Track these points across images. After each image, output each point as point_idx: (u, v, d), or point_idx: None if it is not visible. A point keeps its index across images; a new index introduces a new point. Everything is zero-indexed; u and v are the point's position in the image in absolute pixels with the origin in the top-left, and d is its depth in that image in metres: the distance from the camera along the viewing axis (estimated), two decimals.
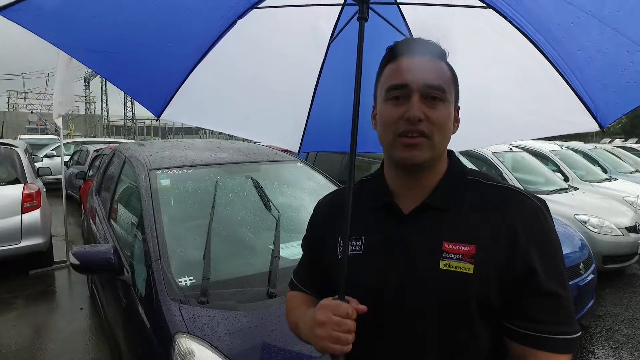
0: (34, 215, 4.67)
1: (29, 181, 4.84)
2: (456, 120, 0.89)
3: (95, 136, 34.70)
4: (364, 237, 0.90)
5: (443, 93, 0.82)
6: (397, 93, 0.82)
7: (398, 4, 1.24)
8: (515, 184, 4.92)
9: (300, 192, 2.84)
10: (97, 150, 8.47)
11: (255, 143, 3.67)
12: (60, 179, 6.16)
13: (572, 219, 4.77)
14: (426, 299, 0.80)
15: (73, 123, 33.59)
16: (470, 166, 3.06)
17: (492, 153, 5.58)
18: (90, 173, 7.43)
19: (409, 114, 0.80)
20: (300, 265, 1.09)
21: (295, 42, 1.35)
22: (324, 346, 0.81)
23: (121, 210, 2.86)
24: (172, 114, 1.40)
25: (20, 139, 11.32)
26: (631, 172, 8.77)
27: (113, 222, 2.94)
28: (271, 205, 2.31)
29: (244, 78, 1.42)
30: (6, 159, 4.96)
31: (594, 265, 3.77)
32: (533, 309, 0.78)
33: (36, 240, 4.67)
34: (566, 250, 3.50)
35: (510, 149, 6.15)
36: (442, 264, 0.80)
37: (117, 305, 2.27)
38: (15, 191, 4.65)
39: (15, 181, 4.81)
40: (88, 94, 53.56)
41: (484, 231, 0.80)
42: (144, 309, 1.82)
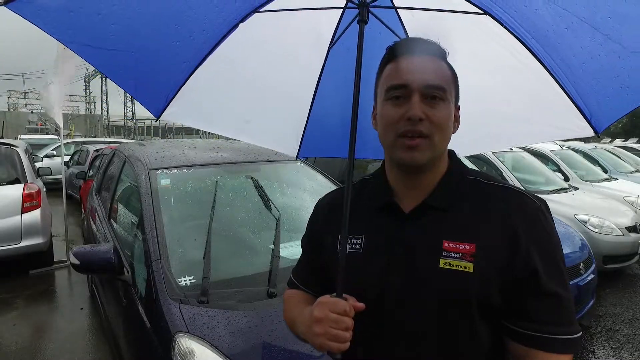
0: (34, 215, 4.67)
1: (29, 181, 4.84)
2: (457, 120, 0.89)
3: (95, 136, 34.72)
4: (364, 236, 0.90)
5: (443, 92, 0.82)
6: (398, 93, 0.82)
7: (396, 8, 1.25)
8: (516, 184, 4.93)
9: (301, 192, 2.84)
10: (97, 150, 8.48)
11: None
12: (61, 178, 6.17)
13: (573, 218, 4.77)
14: (426, 297, 0.80)
15: (73, 123, 33.59)
16: (471, 166, 3.05)
17: (493, 153, 5.58)
18: (91, 173, 7.43)
19: (410, 113, 0.79)
20: (300, 264, 1.09)
21: (295, 47, 1.36)
22: (321, 343, 0.81)
23: (121, 210, 2.86)
24: (172, 115, 1.40)
25: (20, 139, 11.33)
26: (631, 172, 8.76)
27: (113, 222, 2.94)
28: (271, 205, 2.31)
29: (244, 81, 1.42)
30: (6, 158, 4.96)
31: (594, 265, 3.76)
32: (533, 309, 0.78)
33: (36, 240, 4.67)
34: (566, 250, 3.50)
35: (511, 149, 6.14)
36: (442, 262, 0.80)
37: (117, 305, 2.27)
38: (15, 191, 4.65)
39: (16, 181, 4.81)
40: (88, 94, 53.61)
41: (484, 231, 0.80)
42: (144, 308, 1.82)
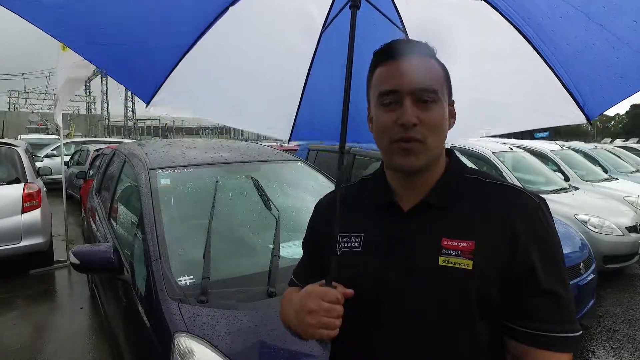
0: (35, 214, 4.67)
1: (29, 181, 4.84)
2: (452, 115, 0.88)
3: (96, 136, 34.72)
4: (363, 234, 0.90)
5: (435, 94, 0.81)
6: (389, 99, 0.82)
7: None
8: (516, 184, 4.91)
9: (300, 192, 2.84)
10: (98, 150, 8.48)
11: (255, 142, 3.67)
12: (61, 178, 6.17)
13: (573, 218, 4.76)
14: (425, 295, 0.80)
15: (74, 123, 33.61)
16: (471, 166, 3.05)
17: (493, 153, 5.58)
18: (91, 173, 7.44)
19: (403, 120, 0.79)
20: (301, 265, 1.10)
21: (287, 31, 1.34)
22: (313, 333, 0.81)
23: (121, 209, 2.86)
24: (162, 102, 1.38)
25: (21, 139, 11.33)
26: (632, 172, 8.76)
27: (113, 222, 2.94)
28: (271, 204, 2.31)
29: (235, 66, 1.40)
30: (7, 158, 4.96)
31: (594, 265, 3.76)
32: (533, 308, 0.78)
33: (36, 240, 4.67)
34: (567, 250, 3.50)
35: (511, 148, 6.15)
36: (441, 260, 0.80)
37: (117, 304, 2.28)
38: (15, 191, 4.65)
39: (16, 181, 4.81)
40: (89, 93, 53.63)
41: (483, 229, 0.80)
42: (143, 308, 1.82)
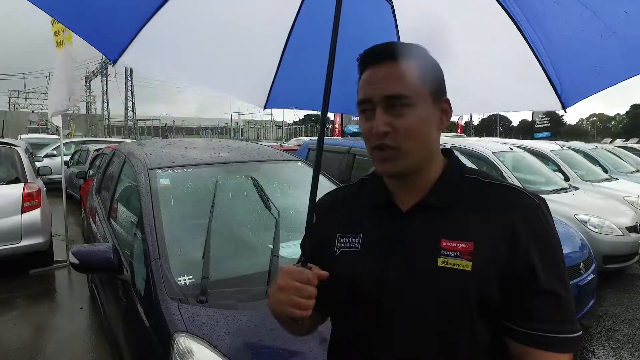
0: (34, 214, 4.67)
1: (29, 180, 4.84)
2: (445, 113, 0.87)
3: (96, 136, 34.74)
4: (361, 235, 0.90)
5: (407, 99, 0.80)
6: (365, 107, 0.84)
7: None
8: (516, 184, 4.91)
9: (300, 192, 2.83)
10: (98, 150, 8.48)
11: (255, 142, 3.67)
12: (61, 178, 6.17)
13: (573, 218, 4.76)
14: (425, 296, 0.80)
15: (74, 123, 33.62)
16: (470, 165, 3.05)
17: (493, 153, 5.58)
18: (91, 172, 7.44)
19: (374, 129, 0.81)
20: (299, 263, 1.09)
21: None
22: (283, 310, 0.83)
23: (121, 209, 2.86)
24: (130, 61, 1.31)
25: (21, 139, 11.34)
26: (632, 172, 8.76)
27: (113, 222, 2.94)
28: (271, 204, 2.31)
29: (210, 26, 1.34)
30: (7, 158, 4.97)
31: (594, 265, 3.76)
32: (533, 308, 0.78)
33: (36, 240, 4.67)
34: (567, 250, 3.50)
35: (511, 148, 6.15)
36: (440, 261, 0.79)
37: (117, 304, 2.28)
38: (15, 190, 4.65)
39: (16, 180, 4.81)
40: (89, 93, 53.67)
41: (483, 229, 0.80)
42: (143, 308, 1.82)
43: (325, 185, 2.82)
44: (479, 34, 1.21)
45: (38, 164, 7.28)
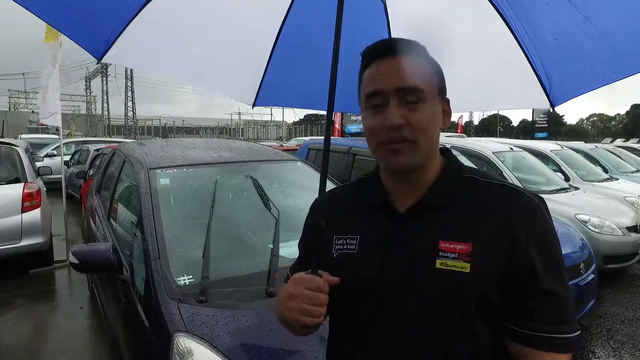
0: (34, 214, 4.67)
1: (29, 180, 4.84)
2: (446, 114, 0.87)
3: (96, 136, 34.75)
4: (358, 236, 0.89)
5: (421, 93, 0.80)
6: (375, 101, 0.81)
7: None
8: (516, 184, 4.91)
9: (300, 192, 2.83)
10: (98, 150, 8.48)
11: (255, 142, 3.67)
12: (61, 178, 6.17)
13: (573, 218, 4.76)
14: (424, 298, 0.80)
15: (74, 123, 33.62)
16: (470, 165, 3.05)
17: (493, 153, 5.58)
18: (91, 172, 7.44)
19: (387, 122, 0.78)
20: (297, 263, 1.09)
21: None
22: (295, 318, 0.81)
23: (121, 209, 2.86)
24: (116, 57, 1.29)
25: (21, 139, 11.33)
26: (632, 172, 8.75)
27: (113, 221, 2.94)
28: (270, 204, 2.31)
29: (199, 22, 1.33)
30: (7, 158, 4.97)
31: (594, 265, 3.76)
32: (533, 309, 0.77)
33: (36, 240, 4.67)
34: (567, 250, 3.49)
35: (511, 148, 6.14)
36: (438, 263, 0.79)
37: (117, 304, 2.27)
38: (15, 190, 4.65)
39: (16, 180, 4.81)
40: (89, 93, 53.67)
41: (481, 230, 0.79)
42: (143, 308, 1.82)
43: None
44: (470, 32, 1.21)
45: (38, 164, 7.27)
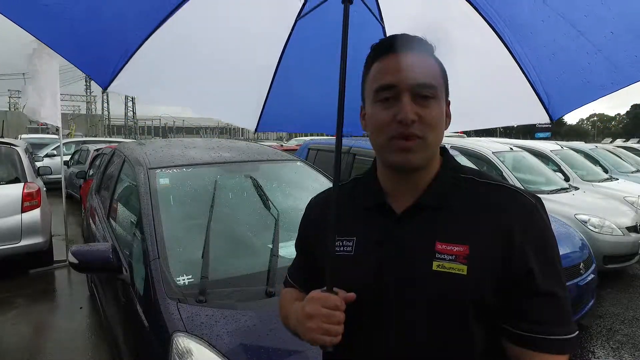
0: (34, 214, 4.67)
1: (29, 180, 4.84)
2: (448, 116, 0.86)
3: (96, 136, 34.74)
4: (355, 238, 0.88)
5: (434, 90, 0.80)
6: (387, 94, 0.80)
7: None
8: (516, 184, 4.92)
9: (300, 192, 2.83)
10: (98, 150, 8.47)
11: (255, 142, 3.67)
12: (61, 178, 6.17)
13: (573, 218, 4.75)
14: (420, 300, 0.79)
15: (74, 123, 33.62)
16: (471, 165, 3.05)
17: (493, 153, 5.58)
18: (91, 172, 7.43)
19: (401, 116, 0.77)
20: (294, 264, 1.08)
21: (258, 16, 1.28)
22: (313, 338, 0.81)
23: (120, 209, 2.86)
24: (121, 87, 1.31)
25: (21, 139, 11.33)
26: (632, 172, 8.75)
27: (112, 221, 2.94)
28: (270, 204, 2.31)
29: (200, 51, 1.35)
30: (6, 158, 4.97)
31: (594, 265, 3.75)
32: (530, 310, 0.77)
33: (36, 240, 4.67)
34: (566, 250, 3.49)
35: (511, 148, 6.14)
36: (435, 265, 0.78)
37: (117, 304, 2.27)
38: (15, 190, 4.65)
39: (16, 180, 4.81)
40: (89, 93, 53.69)
41: (478, 231, 0.79)
42: (142, 307, 1.82)
43: (325, 184, 2.82)
44: (466, 50, 1.21)
45: (38, 164, 7.28)
